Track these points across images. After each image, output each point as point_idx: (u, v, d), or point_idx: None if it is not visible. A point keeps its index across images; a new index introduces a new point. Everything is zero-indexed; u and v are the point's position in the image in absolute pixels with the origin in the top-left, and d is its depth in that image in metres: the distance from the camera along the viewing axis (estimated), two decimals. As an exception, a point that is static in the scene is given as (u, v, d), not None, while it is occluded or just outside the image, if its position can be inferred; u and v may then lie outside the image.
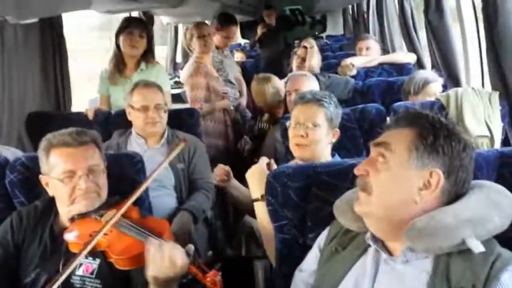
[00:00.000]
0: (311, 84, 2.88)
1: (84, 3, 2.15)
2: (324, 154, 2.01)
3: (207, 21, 4.49)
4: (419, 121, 1.16)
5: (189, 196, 2.45)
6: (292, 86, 2.90)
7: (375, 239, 1.20)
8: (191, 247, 1.34)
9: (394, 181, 1.14)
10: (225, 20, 4.16)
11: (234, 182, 2.17)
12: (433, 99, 2.47)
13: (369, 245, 1.21)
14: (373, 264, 1.18)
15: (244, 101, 4.22)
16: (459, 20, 2.81)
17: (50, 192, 1.65)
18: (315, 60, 4.03)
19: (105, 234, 1.46)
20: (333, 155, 2.05)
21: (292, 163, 2.03)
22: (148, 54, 3.09)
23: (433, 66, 3.06)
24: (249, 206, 2.19)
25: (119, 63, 3.05)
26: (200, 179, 2.49)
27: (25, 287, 1.53)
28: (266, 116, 3.29)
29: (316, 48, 4.12)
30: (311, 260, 1.35)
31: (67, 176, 1.58)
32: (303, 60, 4.01)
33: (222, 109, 3.55)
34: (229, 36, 4.25)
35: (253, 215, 2.34)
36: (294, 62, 4.12)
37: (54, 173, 1.60)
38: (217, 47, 4.05)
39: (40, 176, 1.67)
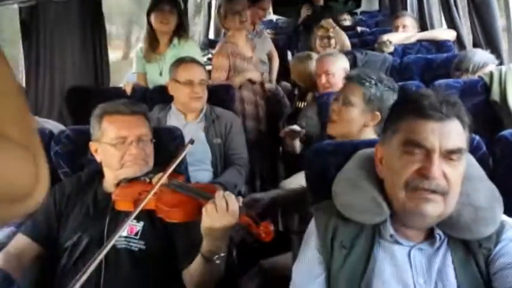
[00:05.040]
0: (339, 65, 2.78)
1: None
2: (359, 135, 1.95)
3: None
4: (461, 111, 1.16)
5: (222, 171, 2.49)
6: (320, 67, 2.82)
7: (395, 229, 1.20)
8: (239, 198, 1.37)
9: (460, 177, 1.16)
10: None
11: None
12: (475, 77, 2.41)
13: (381, 238, 1.20)
14: (404, 255, 1.18)
15: (273, 75, 4.08)
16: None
17: (99, 158, 1.71)
18: (345, 38, 3.86)
19: (154, 193, 1.47)
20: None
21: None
22: (180, 30, 3.12)
23: (475, 44, 2.97)
24: None
25: (152, 41, 3.09)
26: (235, 154, 2.53)
27: (65, 250, 1.59)
28: (310, 96, 3.15)
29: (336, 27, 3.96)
30: (315, 266, 1.24)
31: (119, 141, 1.65)
32: (328, 38, 3.80)
33: (249, 88, 3.38)
34: (266, 8, 4.14)
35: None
36: (318, 43, 3.84)
37: (106, 138, 1.66)
38: (252, 22, 3.95)
39: (90, 143, 1.73)
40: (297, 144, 2.68)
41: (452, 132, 1.12)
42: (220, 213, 1.30)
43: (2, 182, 0.53)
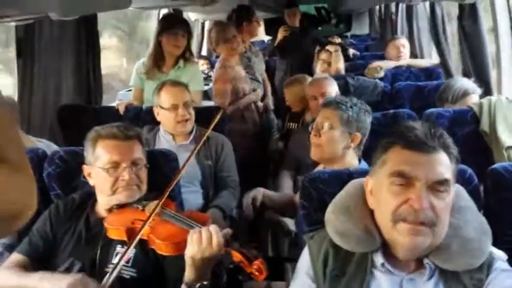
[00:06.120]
0: (334, 87, 2.89)
1: (125, 2, 2.20)
2: (344, 158, 2.03)
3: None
4: (447, 143, 1.20)
5: (215, 193, 2.49)
6: (317, 90, 2.87)
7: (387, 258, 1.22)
8: (228, 231, 1.38)
9: (448, 208, 1.18)
10: (247, 14, 4.06)
11: (263, 194, 2.29)
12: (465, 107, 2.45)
13: (372, 267, 1.22)
14: (396, 286, 1.19)
15: (269, 102, 4.13)
16: (494, 27, 2.78)
17: (92, 182, 1.71)
18: (341, 63, 4.00)
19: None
20: (360, 162, 2.06)
21: (319, 168, 2.05)
22: (187, 53, 3.14)
23: (464, 74, 3.03)
24: (279, 206, 2.26)
25: (158, 60, 3.10)
26: (227, 176, 2.53)
27: None
28: (309, 116, 3.20)
29: (339, 51, 4.08)
30: None
31: (112, 166, 1.65)
32: (329, 64, 3.95)
33: (250, 107, 3.52)
34: (258, 20, 4.15)
35: (279, 212, 2.40)
36: (319, 67, 4.02)
37: (100, 163, 1.66)
38: (252, 35, 4.06)
39: (83, 166, 1.74)
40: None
41: (438, 164, 1.15)
42: (205, 244, 1.33)
43: (14, 203, 0.63)
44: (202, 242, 1.33)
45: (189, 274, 1.37)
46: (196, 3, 3.68)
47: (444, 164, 1.15)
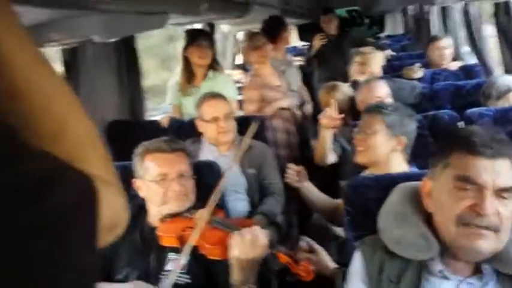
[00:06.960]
0: (386, 89, 2.88)
1: (161, 22, 2.29)
2: (390, 162, 2.02)
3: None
4: (510, 149, 1.17)
5: (260, 200, 2.54)
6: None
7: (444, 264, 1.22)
8: (268, 231, 1.42)
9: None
10: (280, 23, 4.07)
11: (306, 184, 2.25)
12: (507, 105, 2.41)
13: (428, 273, 1.21)
14: None
15: (309, 108, 4.05)
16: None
17: (142, 194, 1.79)
18: (378, 66, 3.92)
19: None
20: (411, 165, 2.06)
21: (366, 173, 2.06)
22: (214, 63, 3.26)
23: (506, 71, 2.97)
24: (320, 208, 2.27)
25: (189, 74, 3.22)
26: (270, 183, 2.57)
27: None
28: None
29: (374, 53, 4.00)
30: None
31: (161, 178, 1.72)
32: (364, 65, 3.85)
33: (281, 116, 3.47)
34: (290, 34, 4.16)
35: (326, 218, 2.40)
36: (354, 69, 3.91)
37: (149, 175, 1.74)
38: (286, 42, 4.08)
39: (133, 180, 1.81)
40: (329, 153, 2.70)
41: (503, 171, 1.13)
42: (248, 245, 1.37)
43: (110, 216, 0.64)
44: (245, 243, 1.37)
45: (234, 275, 1.42)
46: (229, 16, 3.75)
47: (509, 171, 1.14)
